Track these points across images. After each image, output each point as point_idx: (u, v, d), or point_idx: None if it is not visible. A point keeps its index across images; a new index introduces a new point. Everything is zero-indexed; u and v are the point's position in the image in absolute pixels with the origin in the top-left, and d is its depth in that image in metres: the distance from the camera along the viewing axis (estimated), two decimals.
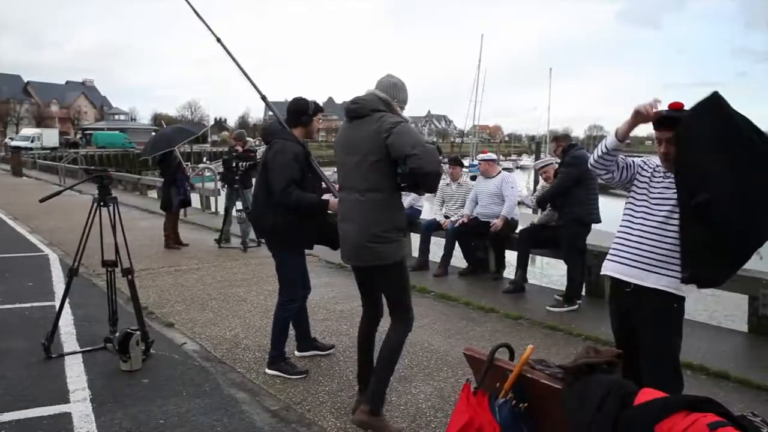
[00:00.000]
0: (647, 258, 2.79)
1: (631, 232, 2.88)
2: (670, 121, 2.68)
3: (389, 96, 3.28)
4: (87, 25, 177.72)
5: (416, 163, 3.04)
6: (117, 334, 4.25)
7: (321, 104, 4.31)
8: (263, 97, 4.20)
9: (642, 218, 2.85)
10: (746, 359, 4.61)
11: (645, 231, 2.81)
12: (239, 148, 9.15)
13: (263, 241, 9.09)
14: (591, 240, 6.26)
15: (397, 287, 3.39)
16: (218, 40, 4.29)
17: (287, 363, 4.23)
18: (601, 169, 2.99)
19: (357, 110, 3.28)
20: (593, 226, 6.05)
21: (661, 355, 2.80)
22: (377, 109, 3.22)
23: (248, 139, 9.75)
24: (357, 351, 3.63)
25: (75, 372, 4.15)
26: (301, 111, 4.15)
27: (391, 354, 3.36)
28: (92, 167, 7.24)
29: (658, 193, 2.82)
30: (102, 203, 4.38)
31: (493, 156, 7.64)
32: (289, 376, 4.13)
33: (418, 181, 3.18)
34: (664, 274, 2.75)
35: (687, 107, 2.66)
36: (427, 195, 5.28)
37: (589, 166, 3.08)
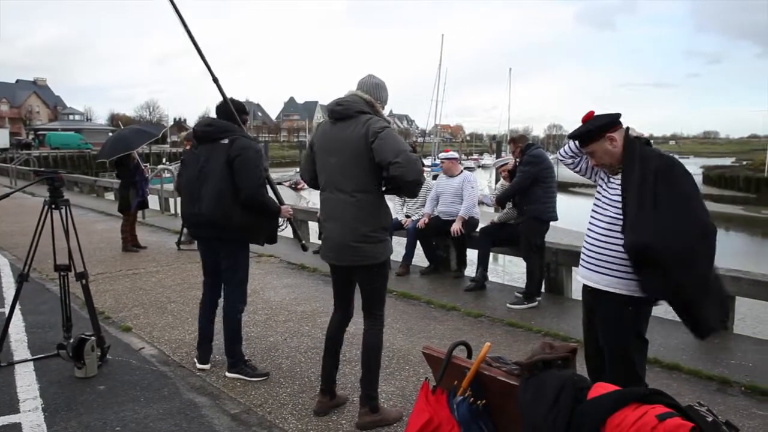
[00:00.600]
0: (597, 260, 2.83)
1: (588, 233, 2.94)
2: (579, 138, 2.88)
3: (372, 97, 3.32)
4: (38, 21, 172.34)
5: (398, 171, 3.08)
6: (71, 340, 4.14)
7: (282, 104, 4.33)
8: (215, 79, 4.05)
9: (595, 220, 2.90)
10: (697, 351, 4.76)
11: (595, 233, 2.87)
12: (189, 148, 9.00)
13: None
14: (550, 237, 6.38)
15: (379, 286, 3.45)
16: None
17: (247, 365, 4.19)
18: (566, 157, 3.14)
19: (342, 112, 3.28)
20: (552, 223, 6.17)
21: (616, 355, 2.81)
22: (362, 110, 3.25)
23: None
24: (324, 351, 3.63)
25: (26, 381, 4.02)
26: (242, 110, 4.14)
27: (375, 353, 3.46)
28: (42, 169, 7.05)
29: (607, 197, 2.86)
30: (53, 206, 4.25)
31: (456, 155, 7.68)
32: (250, 379, 4.10)
33: (400, 187, 3.24)
34: (612, 276, 2.77)
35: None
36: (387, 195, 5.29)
37: (558, 153, 3.18)
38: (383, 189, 3.30)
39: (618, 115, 2.83)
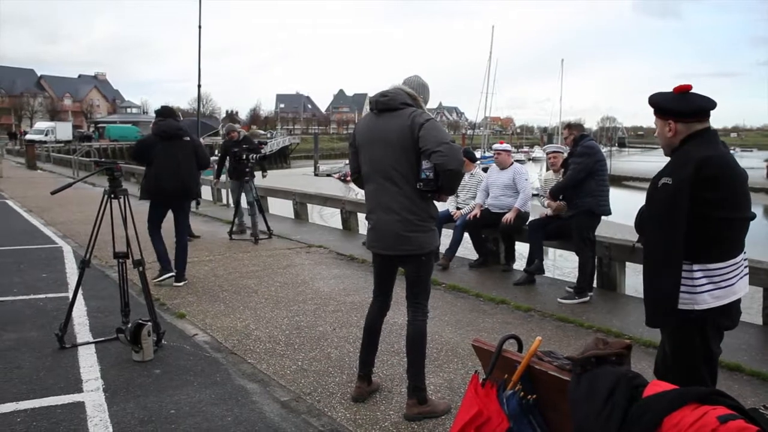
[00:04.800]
0: None
1: None
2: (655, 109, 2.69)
3: (416, 92, 3.40)
4: (100, 18, 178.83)
5: (440, 159, 3.15)
6: (129, 325, 4.29)
7: (332, 96, 4.69)
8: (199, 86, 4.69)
9: None
10: (760, 352, 4.56)
11: None
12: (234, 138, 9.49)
13: (273, 232, 9.22)
14: (603, 231, 6.23)
15: (426, 275, 3.49)
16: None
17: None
18: None
19: (387, 103, 3.34)
20: (607, 218, 6.01)
21: (680, 376, 2.49)
22: (406, 103, 3.33)
23: (260, 131, 9.88)
24: (363, 339, 3.67)
25: (88, 362, 4.19)
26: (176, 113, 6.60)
27: (421, 343, 3.47)
28: (102, 159, 7.49)
29: None
30: (112, 195, 4.42)
31: (509, 147, 7.54)
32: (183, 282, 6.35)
33: (441, 177, 3.23)
34: None
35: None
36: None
37: None
38: (419, 187, 3.28)
39: (701, 108, 2.58)
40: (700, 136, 2.56)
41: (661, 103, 2.65)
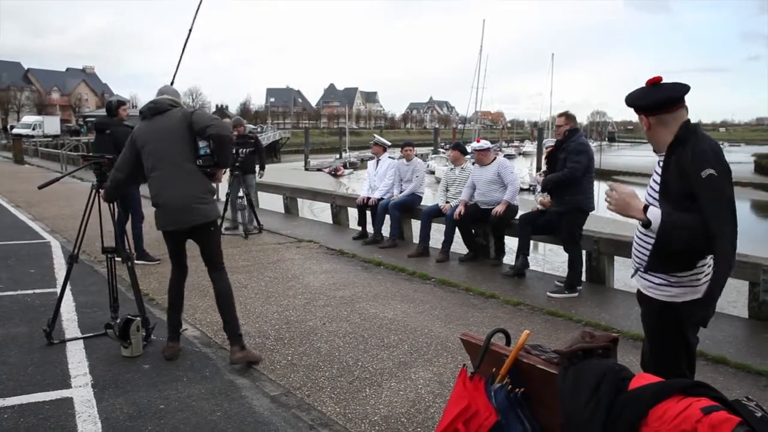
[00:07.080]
0: (638, 258, 2.61)
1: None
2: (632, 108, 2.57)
3: (175, 97, 4.19)
4: (88, 11, 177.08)
5: (215, 130, 3.90)
6: (118, 320, 4.27)
7: (323, 90, 4.98)
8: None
9: None
10: (746, 345, 4.61)
11: (637, 228, 2.61)
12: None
13: (263, 227, 9.22)
14: (592, 226, 6.27)
15: (216, 242, 4.19)
16: None
17: (148, 254, 6.93)
18: None
19: (156, 108, 4.06)
20: (595, 212, 6.05)
21: (660, 367, 2.51)
22: (172, 105, 4.09)
23: (248, 125, 9.77)
24: (169, 305, 4.25)
25: (76, 358, 4.17)
26: (115, 107, 6.84)
27: (231, 297, 4.13)
28: (90, 154, 7.45)
29: (650, 185, 2.59)
30: (100, 190, 4.39)
31: (487, 145, 7.47)
32: (153, 262, 6.83)
33: (216, 148, 3.95)
34: (646, 280, 2.57)
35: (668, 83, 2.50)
36: (428, 181, 5.57)
37: None
38: (199, 164, 3.98)
39: (669, 98, 2.44)
40: (694, 128, 2.44)
41: (631, 101, 2.54)
